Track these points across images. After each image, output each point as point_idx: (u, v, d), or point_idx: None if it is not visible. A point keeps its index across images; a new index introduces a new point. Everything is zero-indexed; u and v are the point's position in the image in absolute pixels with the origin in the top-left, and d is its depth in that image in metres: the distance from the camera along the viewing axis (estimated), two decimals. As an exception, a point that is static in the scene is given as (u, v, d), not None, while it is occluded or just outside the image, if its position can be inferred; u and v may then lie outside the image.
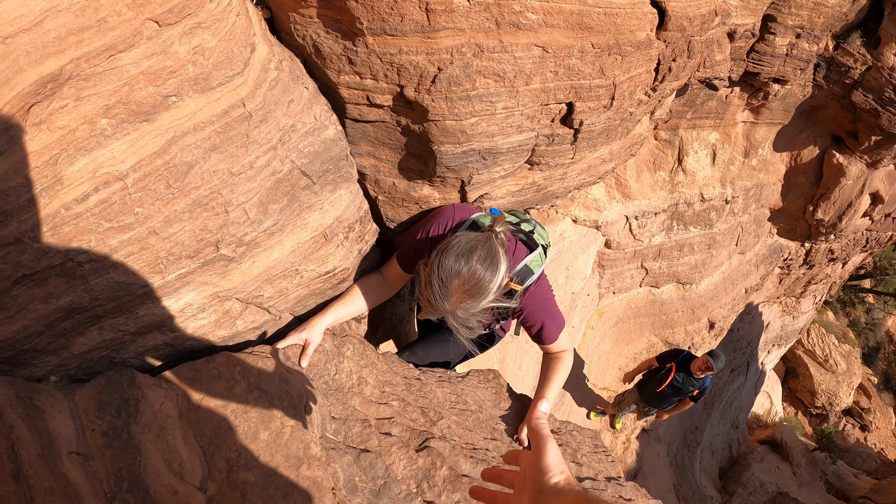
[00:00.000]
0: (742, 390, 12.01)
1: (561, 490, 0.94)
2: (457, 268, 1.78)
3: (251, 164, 1.68)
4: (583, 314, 6.60)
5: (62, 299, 1.47)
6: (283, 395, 1.76)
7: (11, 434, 1.33)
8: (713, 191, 6.97)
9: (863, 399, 19.75)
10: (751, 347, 10.93)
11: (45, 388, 1.53)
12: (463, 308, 1.80)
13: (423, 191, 2.28)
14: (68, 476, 1.36)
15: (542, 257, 2.20)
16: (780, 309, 11.48)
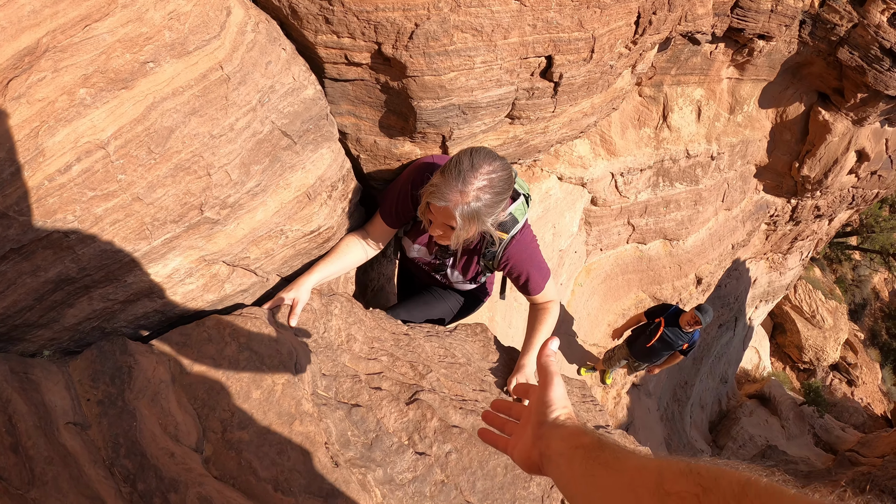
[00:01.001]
0: (730, 345, 12.16)
1: (562, 423, 0.98)
2: (489, 159, 1.84)
3: (231, 126, 1.68)
4: (571, 271, 6.64)
5: (50, 271, 1.48)
6: (274, 355, 1.78)
7: (8, 408, 1.35)
8: (699, 147, 6.98)
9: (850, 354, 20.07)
10: (738, 303, 11.03)
11: (39, 363, 1.54)
12: (478, 199, 1.82)
13: (405, 147, 2.28)
14: (66, 445, 1.39)
15: (525, 206, 2.19)
16: (767, 265, 11.58)
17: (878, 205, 21.33)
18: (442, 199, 1.83)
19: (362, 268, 2.98)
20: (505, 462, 1.89)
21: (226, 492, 1.48)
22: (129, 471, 1.43)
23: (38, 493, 1.28)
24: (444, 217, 1.90)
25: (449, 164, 1.86)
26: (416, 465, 1.79)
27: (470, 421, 1.95)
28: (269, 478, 1.56)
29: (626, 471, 0.75)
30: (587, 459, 0.84)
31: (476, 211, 1.84)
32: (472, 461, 1.85)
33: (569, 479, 0.87)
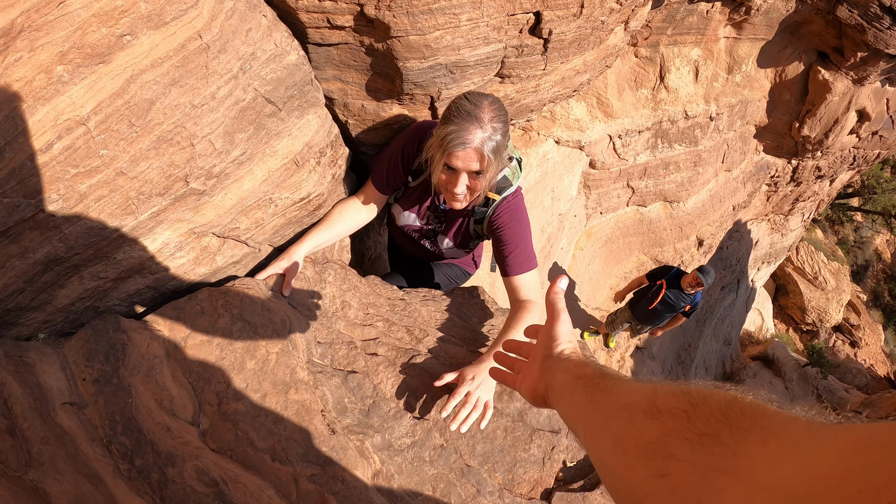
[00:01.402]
0: (733, 307, 12.18)
1: (567, 357, 1.02)
2: (484, 95, 1.86)
3: (213, 94, 1.64)
4: (571, 235, 6.60)
5: (39, 252, 1.47)
6: (267, 324, 1.77)
7: (3, 391, 1.36)
8: (697, 108, 6.89)
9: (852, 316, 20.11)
10: (740, 265, 11.02)
11: (33, 346, 1.55)
12: (496, 130, 1.82)
13: (393, 110, 2.24)
14: (63, 426, 1.39)
15: (518, 170, 2.15)
16: (769, 226, 11.53)
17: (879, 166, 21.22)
18: (463, 143, 1.80)
19: (358, 236, 2.95)
20: (504, 425, 1.88)
21: (223, 463, 1.49)
22: (126, 447, 1.44)
23: (35, 473, 1.28)
24: (469, 162, 1.86)
25: (450, 113, 1.84)
26: (415, 430, 1.78)
27: (467, 385, 1.93)
28: (266, 448, 1.55)
29: (623, 394, 0.79)
30: (588, 388, 0.87)
31: (497, 143, 1.84)
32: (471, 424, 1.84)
33: (571, 407, 0.91)
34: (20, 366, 1.44)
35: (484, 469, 1.79)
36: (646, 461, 0.65)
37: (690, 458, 0.59)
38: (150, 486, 1.39)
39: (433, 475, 1.72)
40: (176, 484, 1.40)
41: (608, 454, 0.75)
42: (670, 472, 0.60)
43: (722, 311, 11.50)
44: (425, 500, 1.68)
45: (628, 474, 0.68)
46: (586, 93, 5.56)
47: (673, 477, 0.60)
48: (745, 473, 0.52)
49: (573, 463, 1.93)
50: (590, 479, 1.89)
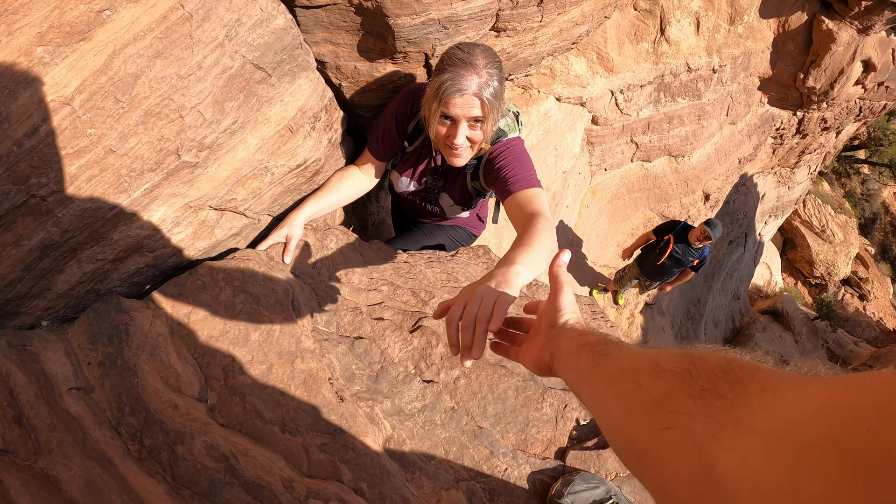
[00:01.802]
0: (741, 262, 12.15)
1: (571, 326, 1.03)
2: (474, 44, 1.83)
3: (199, 64, 1.60)
4: (576, 193, 6.56)
5: (34, 238, 1.46)
6: (269, 294, 1.75)
7: (9, 381, 1.35)
8: (699, 60, 6.77)
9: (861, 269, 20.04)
10: (747, 219, 10.97)
11: (37, 334, 1.54)
12: (492, 76, 1.79)
13: (387, 69, 2.17)
14: (70, 411, 1.39)
15: (515, 123, 2.08)
16: (775, 180, 11.45)
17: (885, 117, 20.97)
18: (460, 89, 1.76)
19: (360, 203, 2.92)
20: (515, 384, 1.86)
21: (232, 437, 1.48)
22: (135, 428, 1.44)
23: (45, 461, 1.29)
24: (467, 108, 1.81)
25: (443, 63, 1.81)
26: (425, 394, 1.76)
27: (476, 346, 1.91)
28: (274, 419, 1.54)
29: (626, 358, 0.82)
30: (593, 354, 0.89)
31: (496, 90, 1.80)
32: (481, 385, 1.82)
33: (576, 373, 0.93)
34: (24, 354, 1.44)
35: (496, 430, 1.78)
36: (650, 417, 0.68)
37: (693, 412, 0.62)
38: (161, 466, 1.39)
39: (445, 438, 1.70)
40: (186, 461, 1.40)
41: (613, 414, 0.78)
42: (673, 425, 0.64)
43: (730, 266, 11.47)
44: (438, 463, 1.66)
45: (633, 430, 0.72)
46: (586, 48, 5.46)
47: (676, 429, 0.63)
48: (744, 422, 0.55)
49: (586, 421, 1.91)
50: (603, 436, 1.88)
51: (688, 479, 0.60)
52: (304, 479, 1.47)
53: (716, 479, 0.55)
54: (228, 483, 1.39)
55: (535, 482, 1.74)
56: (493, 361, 1.91)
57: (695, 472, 0.59)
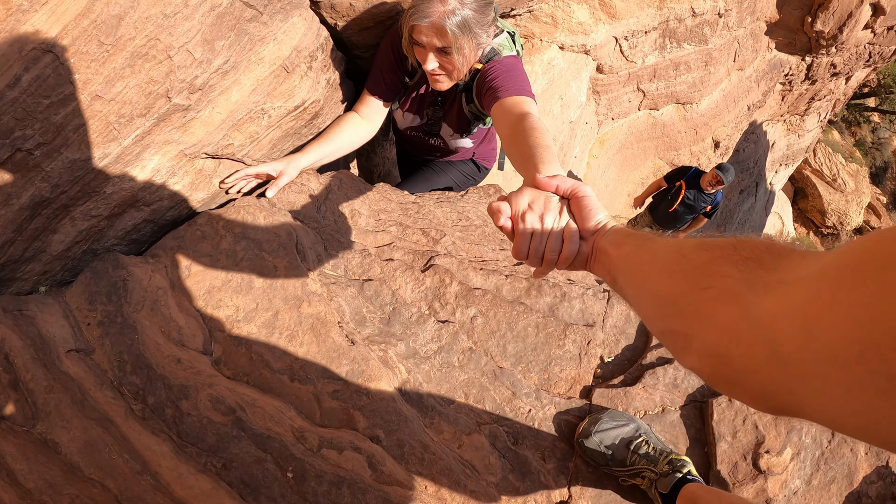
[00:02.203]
0: (753, 211, 12.08)
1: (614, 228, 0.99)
2: None
3: (185, 2, 1.53)
4: (584, 143, 6.48)
5: (23, 196, 1.42)
6: (272, 239, 1.69)
7: (4, 346, 1.33)
8: (704, 4, 6.61)
9: (873, 218, 19.87)
10: (758, 167, 10.88)
11: (33, 298, 1.52)
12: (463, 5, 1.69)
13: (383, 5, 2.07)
14: (69, 373, 1.37)
15: (510, 43, 1.98)
16: (785, 127, 11.34)
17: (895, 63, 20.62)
18: (424, 17, 1.69)
19: (364, 153, 2.86)
20: (535, 321, 1.78)
21: (238, 389, 1.44)
22: (137, 387, 1.41)
23: (43, 426, 1.27)
24: (430, 37, 1.74)
25: None
26: (441, 335, 1.70)
27: (493, 281, 1.84)
28: (283, 368, 1.50)
29: (673, 240, 0.82)
30: (638, 241, 0.89)
31: (465, 19, 1.69)
32: (499, 324, 1.75)
33: (616, 259, 0.92)
34: (19, 319, 1.41)
35: (518, 370, 1.71)
36: (691, 278, 0.70)
37: (734, 275, 0.63)
38: (166, 423, 1.37)
39: (464, 381, 1.64)
40: (191, 417, 1.37)
41: (653, 281, 0.79)
42: (714, 285, 0.65)
43: (741, 216, 11.41)
44: (458, 407, 1.61)
45: (672, 289, 0.73)
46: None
47: (715, 288, 0.64)
48: (788, 277, 0.56)
49: (611, 358, 1.84)
50: (630, 373, 1.81)
51: (723, 326, 0.61)
52: (317, 428, 1.43)
53: (754, 318, 0.56)
54: (236, 437, 1.35)
55: (560, 423, 1.68)
56: (511, 298, 1.83)
57: (731, 317, 0.60)
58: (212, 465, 1.32)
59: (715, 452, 1.68)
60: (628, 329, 1.91)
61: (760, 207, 12.58)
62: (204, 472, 1.30)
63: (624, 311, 1.94)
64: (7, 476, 1.17)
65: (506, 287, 1.86)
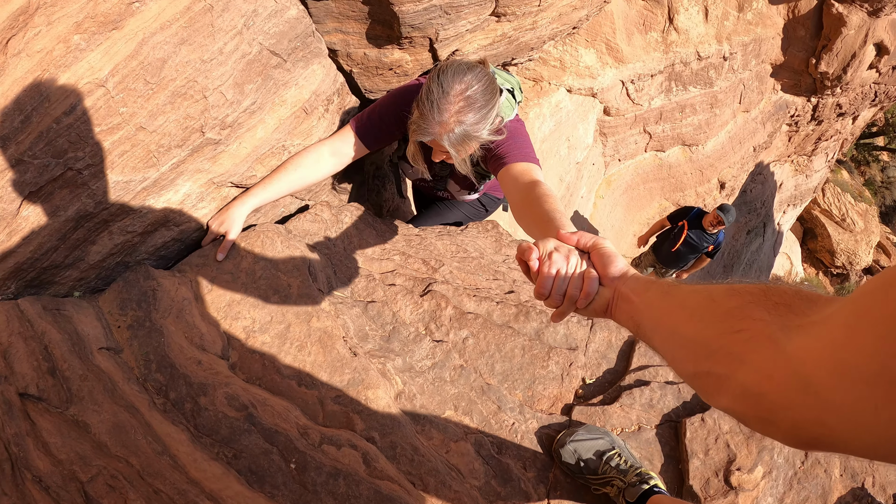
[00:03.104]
0: (760, 252, 12.03)
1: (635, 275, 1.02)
2: (459, 76, 1.73)
3: (220, 50, 1.74)
4: (590, 184, 6.59)
5: (69, 210, 1.57)
6: (287, 261, 1.86)
7: (44, 338, 1.46)
8: (709, 48, 6.78)
9: (882, 257, 19.60)
10: (765, 208, 10.87)
11: (70, 300, 1.64)
12: (461, 122, 1.73)
13: (394, 55, 2.29)
14: (101, 366, 1.50)
15: (512, 102, 2.05)
16: (793, 168, 11.33)
17: (902, 102, 20.56)
18: (426, 135, 1.78)
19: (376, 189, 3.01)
20: (522, 344, 1.96)
21: (252, 390, 1.59)
22: (160, 383, 1.54)
23: (76, 408, 1.39)
24: (436, 146, 1.85)
25: (421, 95, 1.77)
26: (435, 352, 1.86)
27: (485, 307, 2.01)
28: (292, 374, 1.65)
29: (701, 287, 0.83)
30: (662, 290, 0.91)
31: (463, 134, 1.75)
32: (489, 345, 1.92)
33: (640, 307, 0.93)
34: (58, 317, 1.54)
35: (504, 387, 1.87)
36: (722, 322, 0.71)
37: (766, 318, 0.65)
38: (185, 416, 1.50)
39: (454, 394, 1.80)
40: (208, 411, 1.51)
41: (682, 325, 0.80)
42: (746, 328, 0.67)
43: (749, 256, 11.37)
44: (447, 417, 1.76)
45: (703, 333, 0.74)
46: (595, 39, 5.52)
47: (748, 331, 0.66)
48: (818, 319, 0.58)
49: (592, 380, 2.00)
50: (609, 394, 1.96)
51: (757, 366, 0.63)
52: (319, 427, 1.57)
53: (787, 357, 0.59)
54: (247, 430, 1.49)
55: (541, 436, 1.83)
56: (501, 322, 2.01)
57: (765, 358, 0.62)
58: (223, 454, 1.46)
59: (688, 469, 1.80)
60: (609, 354, 2.07)
61: (769, 248, 12.52)
62: (216, 460, 1.43)
63: (606, 338, 2.10)
64: (42, 447, 1.30)
65: (496, 312, 2.04)
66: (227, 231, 1.90)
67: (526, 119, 4.51)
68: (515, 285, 2.17)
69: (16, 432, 1.31)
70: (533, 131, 4.59)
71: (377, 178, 2.97)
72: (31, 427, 1.34)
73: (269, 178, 2.01)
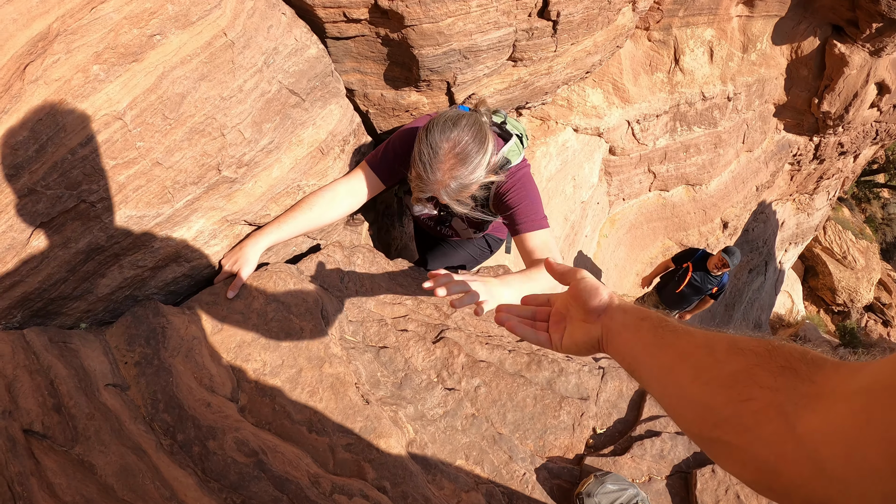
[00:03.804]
0: (762, 290, 12.02)
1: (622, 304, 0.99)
2: (446, 133, 1.75)
3: (240, 87, 1.74)
4: (595, 223, 6.59)
5: (81, 242, 1.55)
6: (300, 304, 1.84)
7: (50, 373, 1.42)
8: (714, 89, 6.85)
9: (884, 295, 19.57)
10: (767, 246, 10.88)
11: (77, 333, 1.61)
12: (455, 178, 1.77)
13: (411, 97, 2.30)
14: (107, 404, 1.46)
15: (519, 147, 2.08)
16: (794, 206, 11.36)
17: (903, 140, 20.77)
18: (424, 192, 1.82)
19: (385, 228, 3.01)
20: (534, 393, 1.94)
21: (262, 435, 1.55)
22: (168, 424, 1.50)
23: (81, 448, 1.35)
24: (435, 200, 1.89)
25: (414, 155, 1.81)
26: (447, 401, 1.84)
27: (497, 355, 1.99)
28: (302, 420, 1.62)
29: (698, 334, 0.82)
30: (655, 328, 0.89)
31: (459, 187, 1.79)
32: (501, 394, 1.90)
33: (635, 347, 0.91)
34: (64, 350, 1.51)
35: (515, 436, 1.85)
36: (728, 388, 0.71)
37: (774, 385, 0.65)
38: (192, 459, 1.46)
39: (466, 443, 1.78)
40: (217, 455, 1.47)
41: (686, 386, 0.78)
42: (755, 396, 0.66)
43: (751, 295, 11.35)
44: (459, 467, 1.74)
45: (710, 399, 0.73)
46: (602, 79, 5.57)
47: (757, 400, 0.66)
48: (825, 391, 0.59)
49: (603, 430, 1.98)
50: (620, 444, 1.94)
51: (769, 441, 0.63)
52: (330, 475, 1.54)
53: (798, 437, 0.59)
54: (257, 477, 1.45)
55: (552, 487, 1.80)
56: (513, 371, 1.99)
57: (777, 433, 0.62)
58: (232, 501, 1.42)
59: (698, 521, 1.77)
60: (620, 404, 2.05)
61: (770, 286, 12.52)
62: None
63: (617, 387, 2.08)
64: (47, 488, 1.24)
65: (508, 361, 2.02)
66: (239, 269, 1.88)
67: (532, 158, 4.53)
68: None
69: (20, 471, 1.26)
70: (539, 170, 4.60)
71: (386, 216, 2.97)
72: (36, 466, 1.29)
73: (284, 217, 1.99)
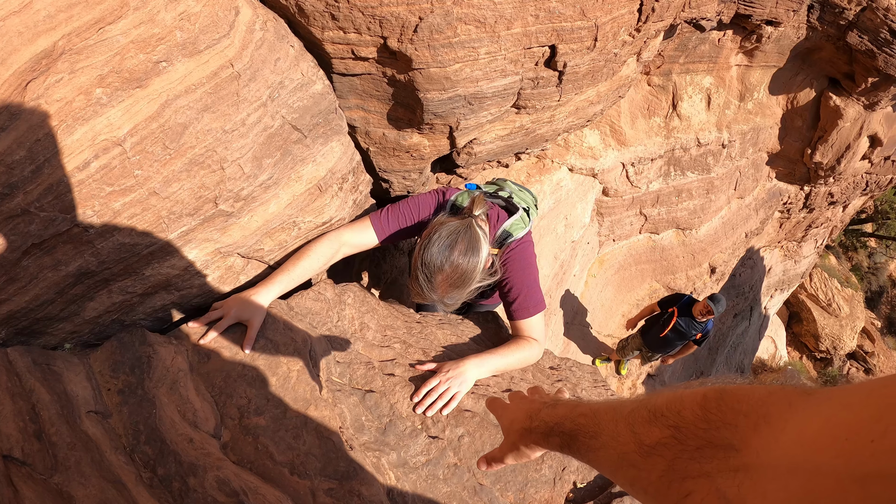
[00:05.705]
0: (746, 335, 12.06)
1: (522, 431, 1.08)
2: (439, 264, 1.81)
3: (243, 121, 1.73)
4: (584, 263, 6.62)
5: (71, 265, 1.53)
6: (288, 342, 1.82)
7: (32, 397, 1.39)
8: (709, 135, 6.94)
9: (866, 343, 19.74)
10: (753, 292, 10.95)
11: (60, 355, 1.58)
12: (449, 296, 1.87)
13: (413, 139, 2.31)
14: (88, 433, 1.43)
15: (526, 219, 2.13)
16: (782, 253, 11.46)
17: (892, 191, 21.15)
18: (425, 300, 1.90)
19: (375, 261, 3.01)
20: (517, 445, 1.92)
21: (243, 475, 1.52)
22: (149, 456, 1.47)
23: (61, 477, 1.31)
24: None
25: (411, 273, 1.89)
26: (430, 449, 1.82)
27: (482, 405, 1.98)
28: (285, 461, 1.60)
29: (610, 441, 0.83)
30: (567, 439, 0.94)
31: (456, 297, 1.89)
32: (484, 444, 1.88)
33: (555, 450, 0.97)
34: (48, 373, 1.48)
35: (496, 488, 1.83)
36: (667, 491, 0.70)
37: (703, 470, 0.64)
38: (172, 495, 1.42)
39: (447, 493, 1.76)
40: (197, 493, 1.43)
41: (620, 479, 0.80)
42: (693, 489, 0.65)
43: (735, 339, 11.39)
44: (439, 516, 1.72)
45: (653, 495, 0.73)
46: (600, 121, 5.63)
47: (697, 493, 0.65)
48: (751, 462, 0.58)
49: (583, 484, 1.96)
50: (600, 499, 1.93)
51: None
52: None
53: None
54: None
55: (530, 542, 1.78)
56: (496, 423, 1.97)
57: None
58: None
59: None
60: (603, 457, 2.03)
61: (754, 331, 12.58)
62: (203, 548, 1.37)
63: (601, 440, 2.06)
64: None
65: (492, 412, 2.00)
66: (249, 320, 1.83)
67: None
68: (513, 382, 2.15)
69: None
70: (533, 208, 4.63)
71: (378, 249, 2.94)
72: (14, 495, 1.24)
73: (290, 266, 2.00)
